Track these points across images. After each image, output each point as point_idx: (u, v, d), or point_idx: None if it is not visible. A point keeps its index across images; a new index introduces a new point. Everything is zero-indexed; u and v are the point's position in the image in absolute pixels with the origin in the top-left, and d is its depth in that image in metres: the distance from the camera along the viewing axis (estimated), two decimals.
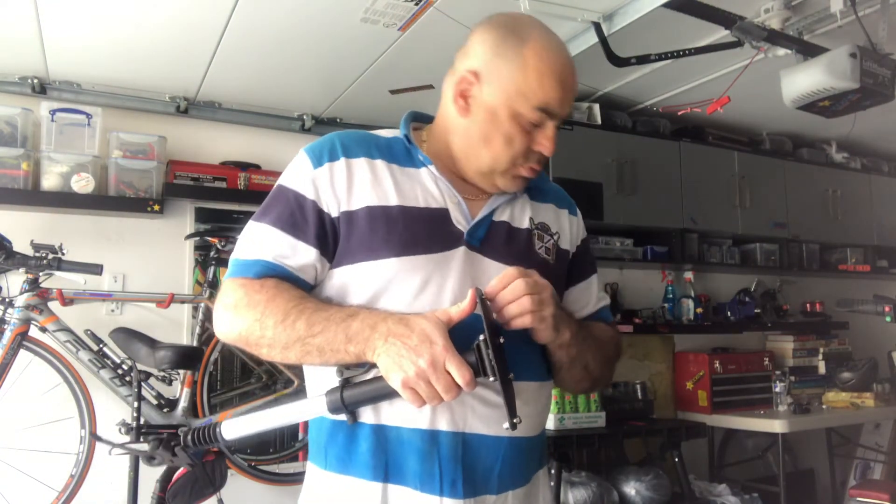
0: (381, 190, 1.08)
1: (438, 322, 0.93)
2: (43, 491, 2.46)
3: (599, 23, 2.28)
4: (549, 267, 1.14)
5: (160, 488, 2.42)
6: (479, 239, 1.09)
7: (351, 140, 1.13)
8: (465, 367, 0.90)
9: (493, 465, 1.03)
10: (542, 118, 1.07)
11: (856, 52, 2.28)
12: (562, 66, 1.07)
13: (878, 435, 4.13)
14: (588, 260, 1.27)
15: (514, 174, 1.11)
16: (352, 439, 1.04)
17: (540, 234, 1.16)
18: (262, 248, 1.06)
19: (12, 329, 2.42)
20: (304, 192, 1.07)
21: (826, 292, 4.37)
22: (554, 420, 2.94)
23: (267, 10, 2.18)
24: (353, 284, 1.05)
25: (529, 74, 1.05)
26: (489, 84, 1.08)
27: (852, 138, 4.14)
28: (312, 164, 1.09)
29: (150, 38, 2.40)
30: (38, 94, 2.75)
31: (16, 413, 2.56)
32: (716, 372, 3.66)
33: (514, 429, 0.91)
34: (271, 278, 1.04)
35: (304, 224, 1.06)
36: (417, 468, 1.00)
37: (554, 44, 1.08)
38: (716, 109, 2.71)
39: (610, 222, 3.40)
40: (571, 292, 1.23)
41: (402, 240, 1.04)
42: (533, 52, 1.05)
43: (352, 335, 0.96)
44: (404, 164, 1.12)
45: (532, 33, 1.07)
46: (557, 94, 1.06)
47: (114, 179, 2.74)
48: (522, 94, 1.05)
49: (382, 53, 2.50)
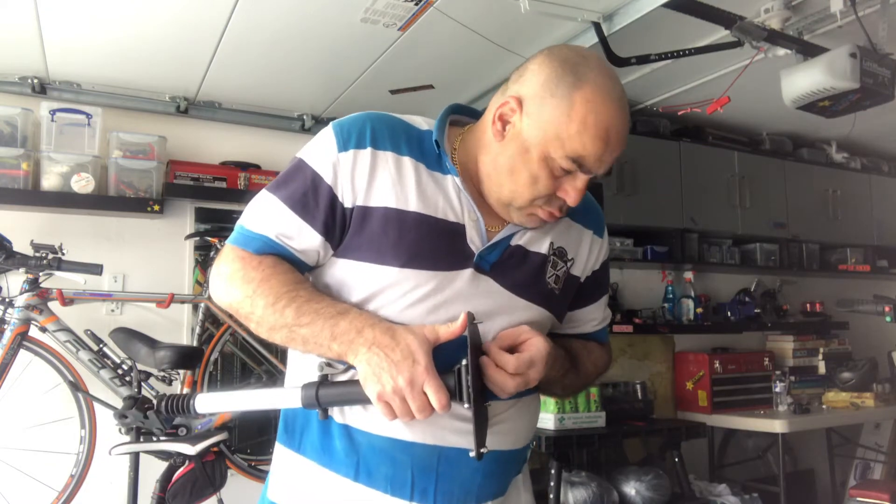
0: (403, 192, 1.03)
1: (424, 340, 0.92)
2: (43, 491, 2.46)
3: (599, 23, 2.28)
4: (554, 297, 1.11)
5: (160, 488, 2.42)
6: (489, 263, 1.05)
7: (383, 128, 1.06)
8: (442, 391, 0.89)
9: (472, 477, 1.02)
10: (573, 168, 0.99)
11: (856, 52, 2.28)
12: (610, 122, 0.97)
13: (878, 435, 4.13)
14: (602, 283, 1.23)
15: (531, 213, 1.05)
16: (326, 432, 1.04)
17: (555, 262, 1.11)
18: (268, 222, 1.04)
19: (12, 329, 2.42)
20: (323, 174, 1.03)
21: (826, 292, 4.37)
22: (554, 420, 2.94)
23: (267, 10, 2.18)
24: (353, 280, 1.04)
25: (572, 121, 0.97)
26: (529, 117, 1.00)
27: (852, 138, 4.14)
28: (338, 145, 1.03)
29: (150, 38, 2.40)
30: (38, 94, 2.75)
31: (16, 413, 2.56)
32: (716, 372, 3.66)
33: (479, 459, 0.89)
34: (270, 256, 1.03)
35: (314, 208, 1.02)
36: (389, 473, 1.00)
37: (610, 95, 0.98)
38: (716, 109, 2.71)
39: (610, 222, 3.32)
40: (576, 313, 1.21)
41: (410, 250, 1.01)
42: (583, 99, 0.96)
43: (337, 334, 0.95)
44: (432, 166, 1.06)
45: (590, 77, 0.98)
46: (597, 149, 0.97)
47: (114, 179, 2.74)
48: (560, 139, 0.97)
49: (382, 53, 2.50)
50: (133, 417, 1.06)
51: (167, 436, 2.49)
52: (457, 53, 2.50)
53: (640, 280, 3.84)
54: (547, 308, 1.09)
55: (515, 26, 2.29)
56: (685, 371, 3.79)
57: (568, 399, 1.32)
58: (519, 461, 1.15)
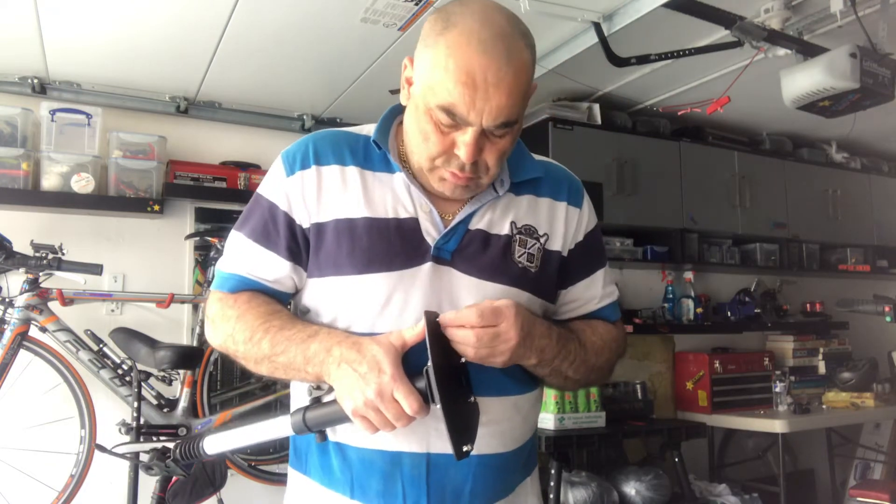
0: (350, 201, 1.04)
1: (390, 348, 0.91)
2: (43, 491, 2.46)
3: (599, 23, 2.28)
4: (529, 276, 1.07)
5: (160, 488, 2.42)
6: (449, 251, 1.03)
7: (325, 144, 1.08)
8: (413, 395, 0.88)
9: (462, 483, 1.01)
10: (450, 120, 0.94)
11: (856, 52, 2.28)
12: (473, 65, 0.91)
13: (878, 435, 4.13)
14: (592, 254, 1.17)
15: (440, 176, 1.01)
16: (324, 452, 1.06)
17: (522, 240, 1.07)
18: (238, 260, 1.08)
19: (12, 329, 2.42)
20: (277, 202, 1.06)
21: (826, 292, 4.37)
22: (554, 420, 2.94)
23: (267, 10, 2.18)
24: (323, 298, 1.05)
25: (436, 68, 0.93)
26: (415, 72, 0.99)
27: (852, 138, 4.14)
28: (286, 171, 1.07)
29: (150, 39, 2.40)
30: (38, 94, 2.75)
31: (16, 413, 2.56)
32: (716, 372, 3.66)
33: (459, 458, 0.88)
34: (245, 292, 1.06)
35: (276, 236, 1.05)
36: (380, 488, 1.01)
37: (477, 38, 0.92)
38: (716, 109, 2.71)
39: (610, 222, 3.39)
40: (570, 291, 1.15)
41: (364, 256, 1.01)
42: (445, 45, 0.93)
43: (309, 357, 0.96)
44: (378, 167, 1.06)
45: (460, 21, 0.93)
46: (463, 95, 0.92)
47: (114, 179, 2.74)
48: (431, 88, 0.94)
49: (382, 53, 2.50)
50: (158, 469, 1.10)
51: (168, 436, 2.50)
52: None
53: (640, 280, 3.84)
54: (523, 288, 1.05)
55: None
56: (685, 371, 3.79)
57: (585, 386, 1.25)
58: (518, 463, 1.11)
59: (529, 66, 0.98)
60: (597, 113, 3.40)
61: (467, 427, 0.91)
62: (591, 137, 3.35)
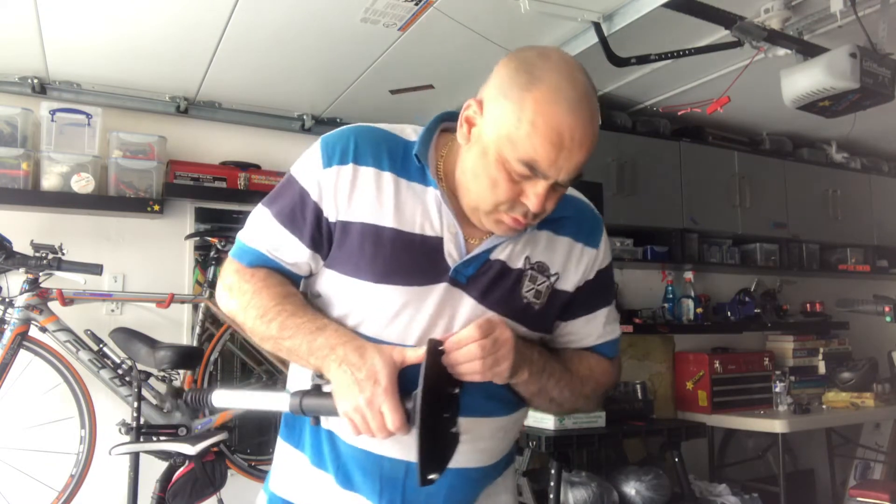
0: (381, 207, 1.05)
1: (390, 361, 0.95)
2: (43, 491, 2.46)
3: (599, 23, 2.28)
4: (533, 311, 1.10)
5: (160, 488, 2.42)
6: (466, 276, 1.06)
7: (366, 142, 1.08)
8: (398, 413, 0.92)
9: (437, 491, 1.05)
10: (528, 172, 0.97)
11: (856, 52, 2.28)
12: (563, 125, 0.94)
13: (878, 435, 4.13)
14: (599, 292, 1.18)
15: (497, 219, 1.02)
16: (317, 435, 1.11)
17: (533, 276, 1.09)
18: (261, 237, 1.10)
19: (12, 329, 2.42)
20: (309, 189, 1.07)
21: (826, 292, 4.37)
22: (554, 420, 2.94)
23: (267, 10, 2.18)
24: (337, 292, 1.08)
25: (522, 124, 0.94)
26: (487, 119, 0.99)
27: (852, 138, 4.14)
28: (323, 161, 1.07)
29: (150, 38, 2.40)
30: (38, 94, 2.75)
31: (16, 413, 2.56)
32: (716, 372, 3.66)
33: (423, 485, 0.92)
34: (263, 269, 1.09)
35: (302, 222, 1.07)
36: (361, 480, 1.07)
37: (565, 96, 0.94)
38: (716, 109, 2.71)
39: (610, 222, 3.35)
40: (570, 324, 1.17)
41: (385, 266, 1.04)
42: (533, 101, 0.94)
43: (314, 349, 1.00)
44: (414, 178, 1.07)
45: (546, 77, 0.95)
46: (548, 153, 0.94)
47: (114, 179, 2.74)
48: (512, 141, 0.95)
49: (382, 53, 2.50)
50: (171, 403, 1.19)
51: (168, 436, 2.50)
52: (457, 53, 2.50)
53: (640, 280, 3.84)
54: (521, 323, 1.08)
55: (515, 26, 2.29)
56: (685, 371, 3.79)
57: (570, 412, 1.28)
58: (495, 473, 1.17)
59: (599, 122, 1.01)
60: None
61: (440, 456, 0.96)
62: None
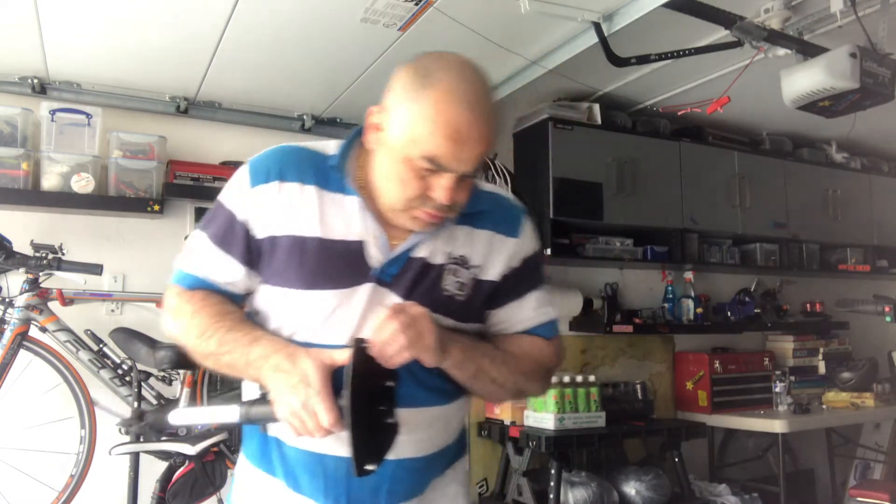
0: (305, 219, 1.12)
1: (320, 364, 1.00)
2: (43, 491, 2.46)
3: (599, 23, 2.28)
4: (458, 303, 1.15)
5: (160, 488, 2.42)
6: (391, 275, 1.12)
7: (290, 160, 1.15)
8: (331, 411, 0.97)
9: (379, 485, 1.11)
10: (432, 167, 1.03)
11: (856, 52, 2.28)
12: (459, 121, 1.01)
13: (878, 435, 4.13)
14: (526, 278, 1.23)
15: (413, 216, 1.09)
16: (265, 442, 1.17)
17: (455, 270, 1.15)
18: (197, 261, 1.17)
19: (12, 329, 2.42)
20: (236, 211, 1.14)
21: (826, 292, 4.37)
22: (554, 420, 2.94)
23: (267, 10, 2.18)
24: (272, 305, 1.15)
25: (420, 122, 1.02)
26: (390, 123, 1.06)
27: (852, 138, 4.14)
28: (250, 182, 1.14)
29: (150, 39, 2.40)
30: (38, 94, 2.75)
31: (16, 413, 2.56)
32: (716, 372, 3.66)
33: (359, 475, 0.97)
34: (201, 290, 1.15)
35: (233, 242, 1.14)
36: (307, 481, 1.12)
37: (460, 95, 1.02)
38: (716, 109, 2.71)
39: (610, 222, 3.40)
40: (500, 312, 1.22)
41: (312, 273, 1.10)
42: (429, 100, 1.02)
43: (251, 360, 1.06)
44: (336, 189, 1.14)
45: (441, 78, 1.03)
46: (449, 148, 1.02)
47: (114, 179, 2.74)
48: (414, 140, 1.03)
49: (382, 53, 2.50)
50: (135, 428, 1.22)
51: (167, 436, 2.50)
52: None
53: (640, 280, 3.84)
54: (447, 315, 1.13)
55: (515, 26, 2.29)
56: (685, 371, 3.79)
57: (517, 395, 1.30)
58: (440, 464, 1.21)
59: (496, 115, 1.08)
60: (597, 113, 3.40)
61: (378, 447, 1.01)
62: (591, 137, 3.35)
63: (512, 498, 3.10)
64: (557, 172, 3.22)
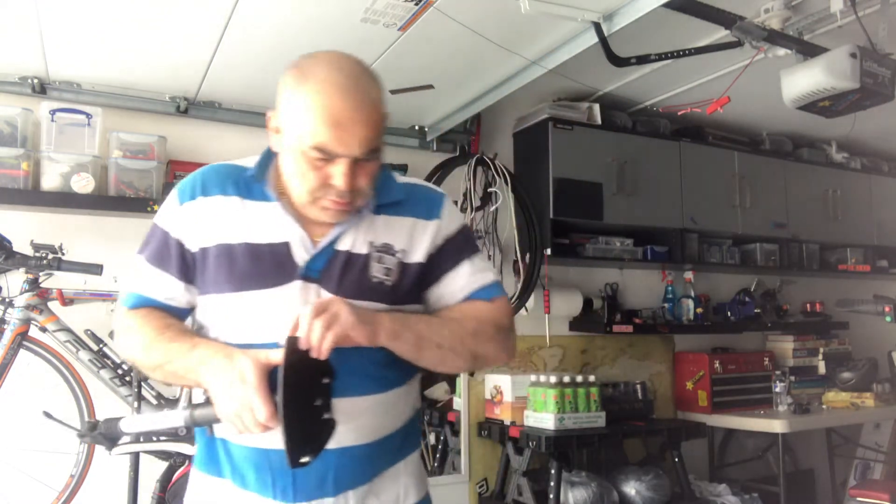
0: (230, 228, 1.19)
1: (257, 363, 1.04)
2: (43, 491, 2.46)
3: (599, 23, 2.28)
4: (385, 289, 1.19)
5: (160, 488, 2.42)
6: (317, 270, 1.17)
7: (211, 177, 1.24)
8: (267, 407, 1.01)
9: (325, 473, 1.14)
10: (323, 156, 1.09)
11: (856, 52, 2.28)
12: (336, 108, 1.07)
13: (878, 435, 4.13)
14: (454, 253, 1.27)
15: (322, 207, 1.15)
16: (212, 445, 1.22)
17: (380, 257, 1.20)
18: (139, 281, 1.24)
19: (12, 329, 2.42)
20: (169, 229, 1.22)
21: (826, 292, 4.37)
22: (554, 420, 2.94)
23: (267, 10, 2.18)
24: (210, 313, 1.21)
25: (303, 115, 1.09)
26: (282, 123, 1.14)
27: (852, 138, 4.15)
28: (178, 201, 1.23)
29: (150, 39, 2.40)
30: (38, 94, 2.75)
31: (16, 413, 2.56)
32: (716, 372, 3.66)
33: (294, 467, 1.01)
34: (143, 308, 1.22)
35: (169, 259, 1.21)
36: (255, 477, 1.16)
37: (334, 84, 1.09)
38: (716, 109, 2.71)
39: (610, 222, 3.40)
40: (436, 288, 1.26)
41: (241, 276, 1.16)
42: (306, 94, 1.09)
43: (191, 366, 1.11)
44: (258, 197, 1.21)
45: (315, 73, 1.10)
46: (332, 135, 1.08)
47: (114, 179, 2.74)
48: (301, 134, 1.10)
49: (382, 53, 2.50)
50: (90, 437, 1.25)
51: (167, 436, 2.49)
52: (457, 53, 2.50)
53: (640, 280, 3.84)
54: (379, 301, 1.18)
55: (515, 26, 2.29)
56: (685, 371, 3.79)
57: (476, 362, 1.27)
58: (386, 451, 1.23)
59: (381, 100, 1.14)
60: (597, 113, 3.40)
61: (314, 440, 1.04)
62: (591, 137, 3.35)
63: (512, 498, 3.10)
64: (557, 172, 3.23)
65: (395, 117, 3.19)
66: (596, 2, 2.20)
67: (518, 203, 3.23)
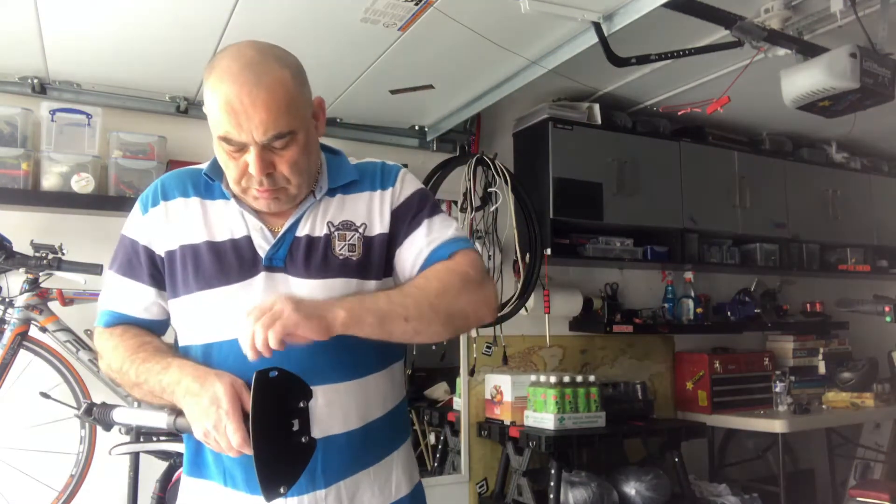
0: (192, 228, 1.21)
1: (230, 386, 1.03)
2: (43, 491, 2.46)
3: (599, 23, 2.28)
4: (352, 264, 1.20)
5: (160, 488, 2.42)
6: (281, 259, 1.18)
7: (170, 182, 1.27)
8: (240, 433, 1.00)
9: (313, 465, 1.12)
10: (230, 145, 1.11)
11: (856, 52, 2.28)
12: (231, 96, 1.08)
13: (878, 435, 4.13)
14: (409, 217, 1.25)
15: (252, 196, 1.17)
16: (200, 447, 1.21)
17: (342, 234, 1.22)
18: (112, 296, 1.26)
19: (12, 329, 2.42)
20: (137, 237, 1.25)
21: (826, 292, 4.37)
22: (554, 420, 2.94)
23: (267, 9, 2.18)
24: (182, 316, 1.22)
25: (208, 108, 1.12)
26: None
27: (852, 138, 4.15)
28: (142, 210, 1.26)
29: (150, 38, 2.40)
30: (38, 94, 2.75)
31: (16, 413, 2.56)
32: (716, 372, 3.66)
33: (269, 500, 1.00)
34: (118, 326, 1.24)
35: (139, 267, 1.23)
36: (244, 476, 1.15)
37: (231, 74, 1.09)
38: (716, 109, 2.70)
39: (610, 222, 3.40)
40: (399, 254, 1.25)
41: (206, 274, 1.18)
42: (209, 87, 1.11)
43: (164, 387, 1.11)
44: (216, 197, 1.24)
45: (215, 65, 1.12)
46: (229, 122, 1.09)
47: (114, 179, 2.74)
48: (211, 126, 1.13)
49: (382, 53, 2.50)
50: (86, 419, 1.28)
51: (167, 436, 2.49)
52: (457, 53, 2.50)
53: (640, 280, 3.84)
54: (348, 276, 1.19)
55: (515, 26, 2.29)
56: (685, 371, 3.80)
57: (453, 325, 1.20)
58: (372, 439, 1.21)
59: (286, 82, 1.12)
60: (597, 113, 3.40)
61: (290, 467, 1.03)
62: (591, 137, 3.35)
63: (512, 498, 3.10)
64: (557, 172, 3.23)
65: (395, 117, 3.20)
66: (596, 2, 2.20)
67: (518, 203, 3.23)
